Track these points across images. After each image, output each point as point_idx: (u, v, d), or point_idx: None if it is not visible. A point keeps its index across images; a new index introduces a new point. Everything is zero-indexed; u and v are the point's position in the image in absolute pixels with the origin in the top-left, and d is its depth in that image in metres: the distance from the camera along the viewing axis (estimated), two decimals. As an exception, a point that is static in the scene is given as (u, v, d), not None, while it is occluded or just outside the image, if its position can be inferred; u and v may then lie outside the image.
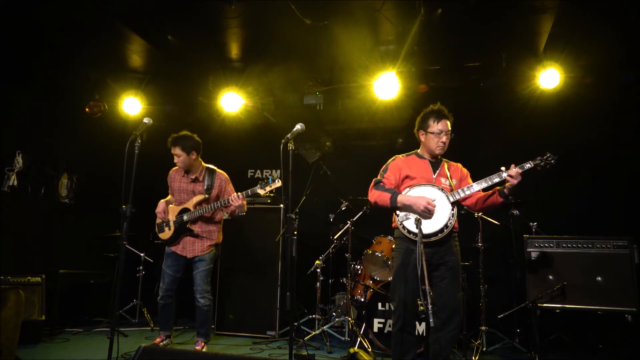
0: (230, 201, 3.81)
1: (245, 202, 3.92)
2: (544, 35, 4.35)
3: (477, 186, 3.02)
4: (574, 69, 4.65)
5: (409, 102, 5.25)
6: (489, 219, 4.56)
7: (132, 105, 5.61)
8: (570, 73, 4.67)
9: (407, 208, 3.00)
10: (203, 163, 4.11)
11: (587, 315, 4.20)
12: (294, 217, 3.02)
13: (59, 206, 5.67)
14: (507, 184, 2.95)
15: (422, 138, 3.21)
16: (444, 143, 3.12)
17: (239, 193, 3.84)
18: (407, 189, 3.08)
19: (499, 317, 4.44)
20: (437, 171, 3.17)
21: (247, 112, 5.76)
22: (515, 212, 4.47)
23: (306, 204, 5.37)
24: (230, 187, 4.13)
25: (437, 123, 3.11)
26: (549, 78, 4.62)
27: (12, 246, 4.84)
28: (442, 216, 2.98)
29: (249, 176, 6.66)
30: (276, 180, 3.63)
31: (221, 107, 5.52)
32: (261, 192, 3.71)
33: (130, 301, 5.55)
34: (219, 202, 3.91)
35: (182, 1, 4.00)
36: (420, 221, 2.82)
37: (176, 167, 4.13)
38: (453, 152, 3.27)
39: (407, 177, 3.13)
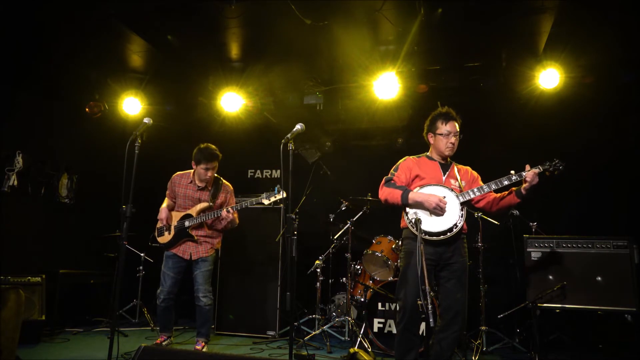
0: (222, 215, 3.86)
1: (236, 216, 3.99)
2: (544, 35, 4.35)
3: (487, 188, 3.03)
4: (574, 69, 4.65)
5: (409, 102, 5.26)
6: (488, 219, 4.56)
7: (132, 105, 5.61)
8: (570, 73, 4.66)
9: (419, 205, 3.01)
10: None
11: (587, 315, 4.20)
12: (294, 217, 3.02)
13: (59, 206, 5.68)
14: (524, 185, 2.96)
15: (432, 140, 3.24)
16: (453, 144, 3.15)
17: (231, 207, 3.90)
18: (417, 188, 3.09)
19: (499, 317, 4.43)
20: (447, 172, 3.19)
21: (247, 112, 5.75)
22: (515, 212, 4.47)
23: (306, 204, 5.37)
24: (233, 199, 4.18)
25: (445, 124, 3.15)
26: (549, 78, 4.61)
27: (12, 246, 4.84)
28: (451, 216, 2.98)
29: (249, 176, 6.66)
30: (282, 192, 3.69)
31: (221, 107, 5.52)
32: (266, 202, 3.77)
33: (130, 301, 5.54)
34: (214, 212, 3.93)
35: (182, 1, 4.00)
36: (420, 221, 2.82)
37: (180, 172, 4.15)
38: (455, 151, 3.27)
39: (417, 176, 3.15)
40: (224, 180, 4.18)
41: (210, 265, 4.01)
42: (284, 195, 3.68)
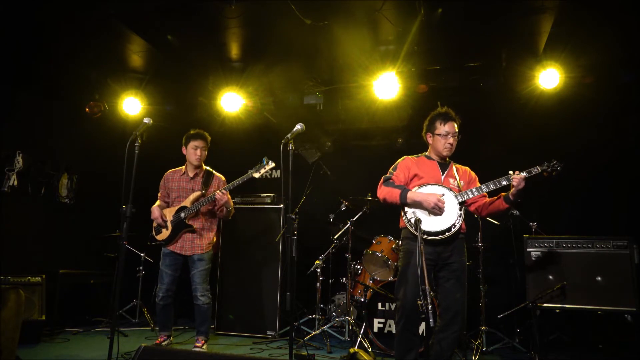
0: (217, 197, 3.86)
1: (230, 197, 3.99)
2: (544, 35, 4.34)
3: (485, 188, 3.03)
4: (574, 69, 4.65)
5: (409, 102, 5.25)
6: (488, 219, 4.56)
7: (132, 105, 5.61)
8: (570, 73, 4.66)
9: (417, 205, 3.01)
10: (203, 164, 4.21)
11: (587, 315, 4.20)
12: (294, 217, 3.02)
13: (59, 206, 5.67)
14: (512, 190, 2.98)
15: (430, 140, 3.24)
16: (451, 144, 3.15)
17: (223, 190, 3.90)
18: (416, 187, 3.09)
19: (499, 317, 4.44)
20: (446, 172, 3.19)
21: (247, 112, 5.75)
22: (515, 212, 4.47)
23: (306, 204, 5.36)
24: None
25: (444, 125, 3.15)
26: (549, 78, 4.61)
27: (12, 246, 4.84)
28: (449, 216, 2.98)
29: (249, 176, 6.65)
30: (270, 162, 3.72)
31: (221, 107, 5.52)
32: (256, 175, 3.80)
33: (130, 301, 5.54)
34: (207, 198, 3.94)
35: (182, 1, 4.00)
36: (420, 221, 2.82)
37: (172, 169, 4.21)
38: (454, 151, 3.26)
39: (415, 175, 3.15)
40: (215, 173, 4.22)
41: (207, 264, 4.02)
42: (273, 164, 3.73)
